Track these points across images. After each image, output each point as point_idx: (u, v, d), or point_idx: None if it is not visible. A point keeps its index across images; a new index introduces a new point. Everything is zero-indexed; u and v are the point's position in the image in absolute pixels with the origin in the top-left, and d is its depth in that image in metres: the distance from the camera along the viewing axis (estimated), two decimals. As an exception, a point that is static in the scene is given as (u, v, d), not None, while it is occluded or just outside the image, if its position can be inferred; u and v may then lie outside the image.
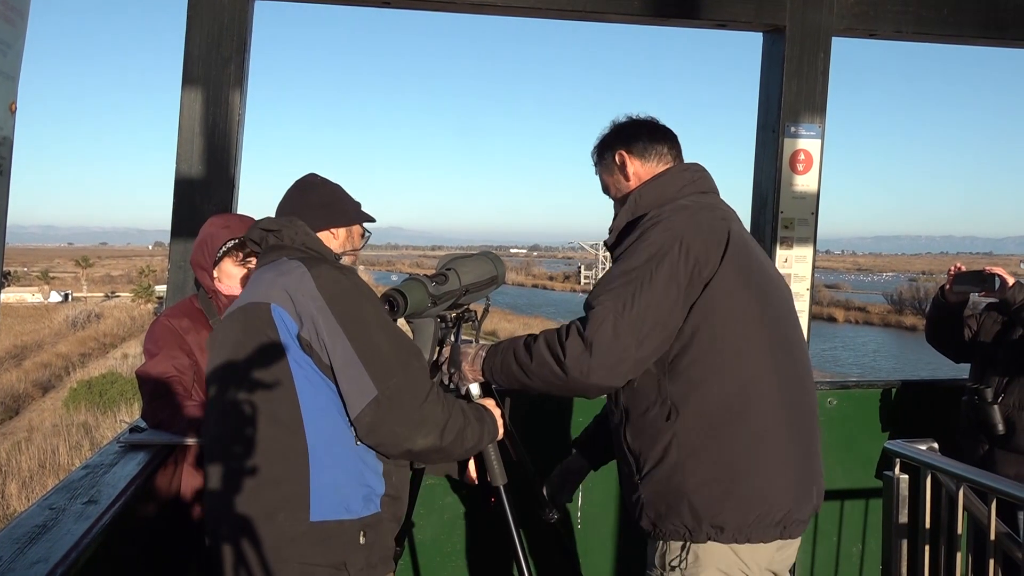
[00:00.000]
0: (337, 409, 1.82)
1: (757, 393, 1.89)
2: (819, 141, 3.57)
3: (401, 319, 2.01)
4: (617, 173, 2.14)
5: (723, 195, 2.14)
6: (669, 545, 1.92)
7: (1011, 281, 3.16)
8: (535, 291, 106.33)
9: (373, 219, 2.18)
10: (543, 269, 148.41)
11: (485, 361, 2.04)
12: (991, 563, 2.36)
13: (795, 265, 3.61)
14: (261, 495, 1.82)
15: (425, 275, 2.07)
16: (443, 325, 2.14)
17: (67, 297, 74.59)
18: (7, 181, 1.27)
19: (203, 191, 3.09)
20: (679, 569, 1.90)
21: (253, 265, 2.52)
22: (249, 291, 1.93)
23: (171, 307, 2.62)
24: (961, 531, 2.48)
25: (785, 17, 3.49)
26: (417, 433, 1.80)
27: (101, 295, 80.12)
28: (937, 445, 2.60)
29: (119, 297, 74.73)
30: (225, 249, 2.50)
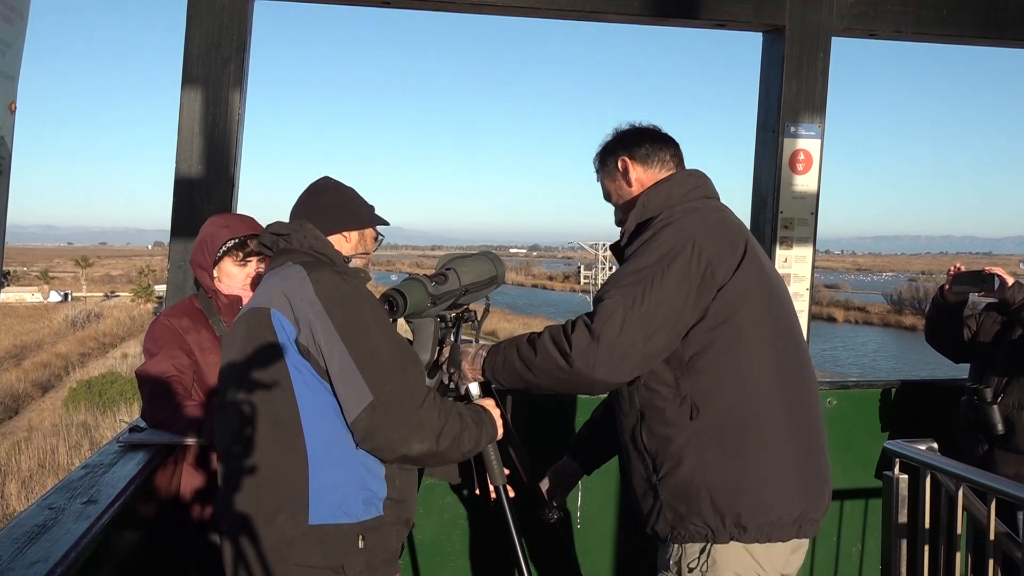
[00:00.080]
0: (336, 413, 1.83)
1: (773, 394, 1.91)
2: (819, 141, 3.57)
3: (401, 319, 2.01)
4: (620, 179, 2.14)
5: (722, 195, 2.15)
6: (686, 548, 1.90)
7: (1010, 281, 3.16)
8: (535, 291, 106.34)
9: (386, 222, 2.19)
10: (543, 269, 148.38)
11: (486, 360, 2.04)
12: (990, 563, 2.36)
13: (795, 265, 3.61)
14: (261, 496, 1.84)
15: (425, 275, 2.07)
16: (443, 325, 2.14)
17: (67, 297, 74.53)
18: (7, 180, 1.27)
19: (203, 191, 3.08)
20: (698, 571, 1.89)
21: (253, 265, 2.53)
22: (255, 296, 1.96)
23: (171, 307, 2.62)
24: (960, 531, 2.48)
25: (785, 17, 3.49)
26: (412, 438, 1.80)
27: (101, 295, 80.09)
28: (936, 445, 2.60)
29: (119, 297, 74.70)
30: (225, 249, 2.50)
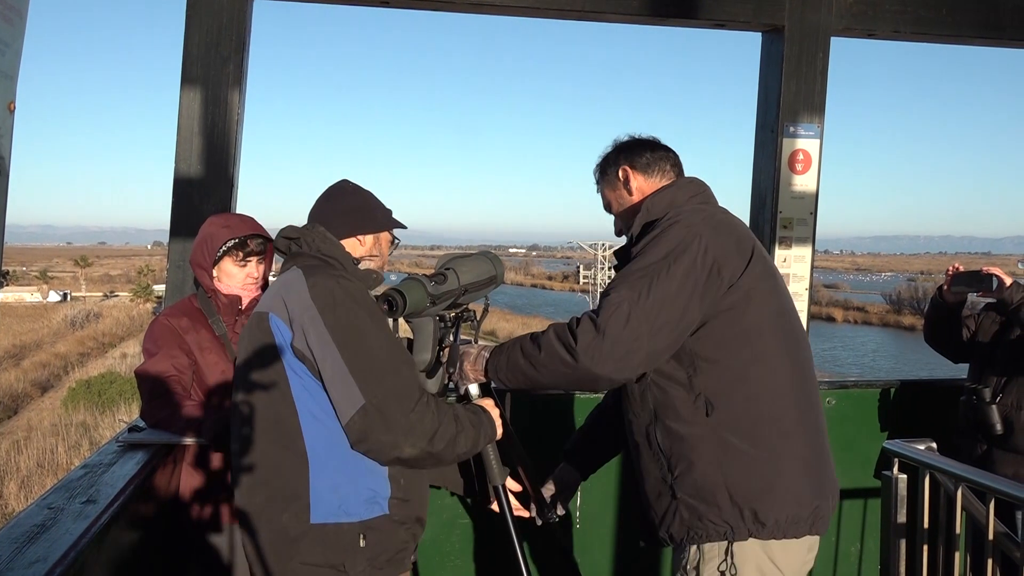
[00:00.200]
0: (334, 414, 1.84)
1: (786, 392, 1.92)
2: (818, 141, 3.57)
3: (401, 319, 2.01)
4: (620, 188, 2.16)
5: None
6: (703, 549, 1.89)
7: (1008, 281, 3.16)
8: (534, 291, 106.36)
9: (403, 226, 2.20)
10: (542, 269, 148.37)
11: (489, 360, 2.03)
12: (989, 563, 2.36)
13: (794, 265, 3.62)
14: (263, 496, 1.88)
15: (424, 275, 2.07)
16: (442, 325, 2.14)
17: (66, 297, 74.46)
18: (6, 180, 1.27)
19: (202, 190, 3.08)
20: (718, 572, 1.87)
21: (253, 265, 2.54)
22: (260, 300, 2.01)
23: (170, 306, 2.63)
24: (959, 531, 2.49)
25: (784, 17, 3.49)
26: (404, 442, 1.81)
27: (100, 295, 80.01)
28: (935, 445, 2.60)
29: (118, 297, 74.63)
30: (225, 249, 2.50)
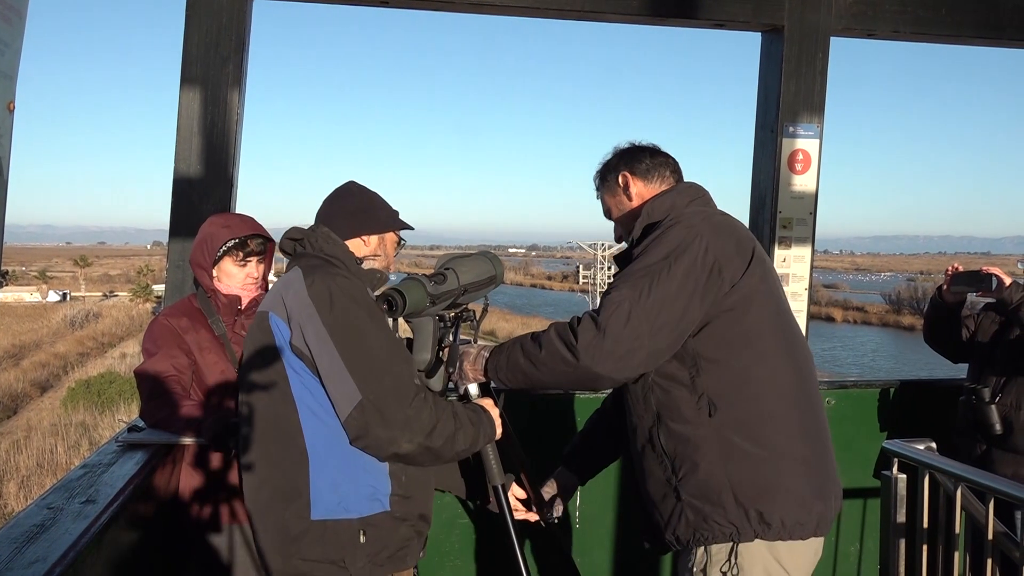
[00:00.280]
0: (334, 412, 1.86)
1: (787, 393, 1.92)
2: (817, 141, 3.57)
3: (401, 319, 2.02)
4: (620, 194, 2.17)
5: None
6: (711, 551, 1.89)
7: (1008, 281, 3.16)
8: (533, 291, 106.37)
9: (408, 226, 2.21)
10: (541, 269, 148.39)
11: (489, 360, 2.03)
12: (989, 562, 2.36)
13: (793, 265, 3.62)
14: (265, 493, 1.91)
15: (424, 274, 2.07)
16: (442, 325, 2.14)
17: (65, 296, 74.43)
18: (5, 180, 1.27)
19: (201, 190, 3.08)
20: (721, 573, 1.87)
21: (253, 265, 2.54)
22: (263, 299, 2.04)
23: (170, 306, 2.62)
24: (959, 530, 2.49)
25: (783, 17, 3.49)
26: (401, 437, 1.82)
27: (99, 294, 79.98)
28: (935, 445, 2.60)
29: (117, 296, 74.60)
30: (225, 248, 2.50)
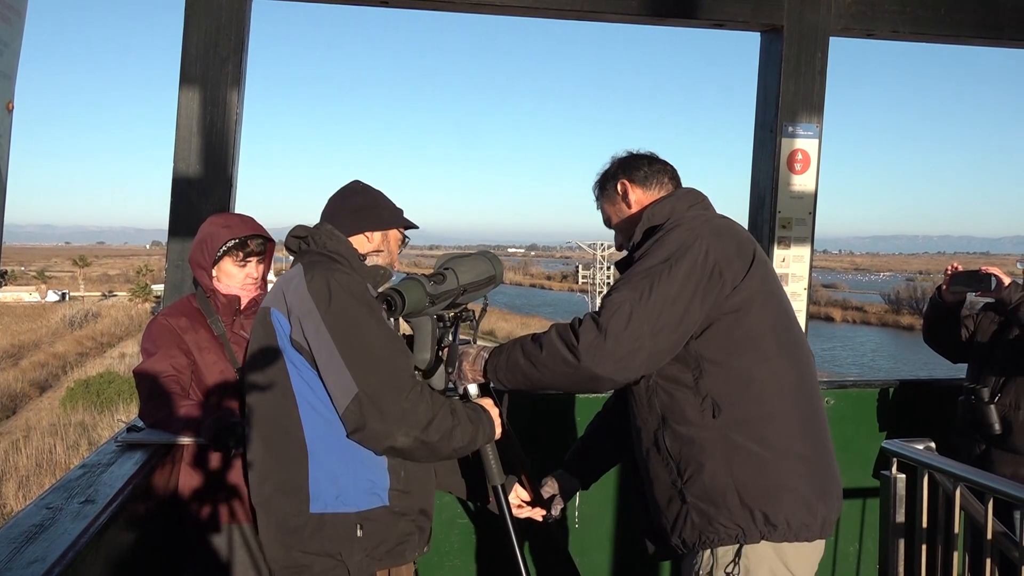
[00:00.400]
0: (332, 406, 1.88)
1: (788, 394, 1.93)
2: (817, 141, 3.57)
3: (400, 318, 2.02)
4: (620, 202, 2.18)
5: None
6: (717, 553, 1.89)
7: (1007, 281, 3.16)
8: (533, 291, 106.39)
9: (412, 224, 2.24)
10: (541, 268, 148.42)
11: (488, 361, 2.03)
12: (988, 562, 2.36)
13: (792, 265, 3.62)
14: (265, 486, 1.94)
15: (423, 274, 2.08)
16: (441, 324, 2.14)
17: (64, 296, 74.36)
18: (4, 179, 1.27)
19: (200, 190, 3.08)
20: (726, 575, 1.87)
21: (253, 265, 2.55)
22: (266, 296, 2.08)
23: (169, 306, 2.62)
24: (958, 530, 2.49)
25: (783, 17, 3.49)
26: (397, 430, 1.83)
27: (98, 294, 79.91)
28: (934, 444, 2.60)
29: (116, 296, 74.56)
30: (225, 249, 2.50)
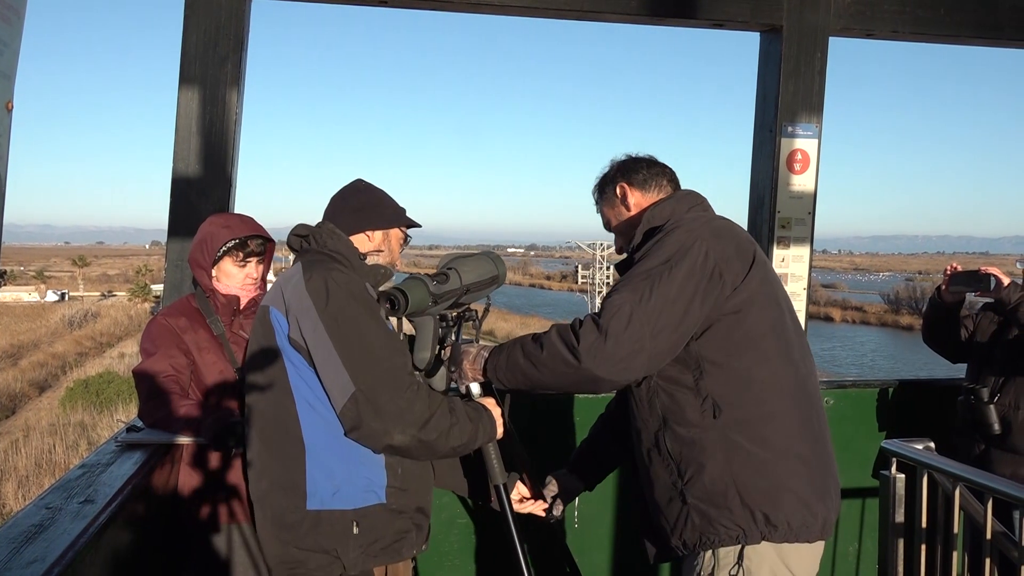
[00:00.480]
0: (330, 404, 1.89)
1: (788, 395, 1.93)
2: (816, 141, 3.57)
3: (403, 318, 2.02)
4: (619, 205, 2.18)
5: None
6: (718, 554, 1.89)
7: (1006, 281, 3.16)
8: (532, 290, 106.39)
9: (414, 223, 2.24)
10: (540, 268, 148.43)
11: (488, 360, 2.04)
12: (987, 562, 2.36)
13: (792, 265, 3.62)
14: (263, 483, 1.95)
15: (426, 274, 2.08)
16: (443, 324, 2.15)
17: (64, 296, 74.31)
18: (4, 179, 1.27)
19: (200, 190, 3.08)
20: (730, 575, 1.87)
21: (252, 265, 2.55)
22: (266, 295, 2.09)
23: (168, 306, 2.62)
24: (957, 530, 2.49)
25: (782, 17, 3.49)
26: (394, 428, 1.83)
27: (98, 294, 79.88)
28: (933, 444, 2.60)
29: (116, 296, 74.53)
30: (225, 249, 2.50)
